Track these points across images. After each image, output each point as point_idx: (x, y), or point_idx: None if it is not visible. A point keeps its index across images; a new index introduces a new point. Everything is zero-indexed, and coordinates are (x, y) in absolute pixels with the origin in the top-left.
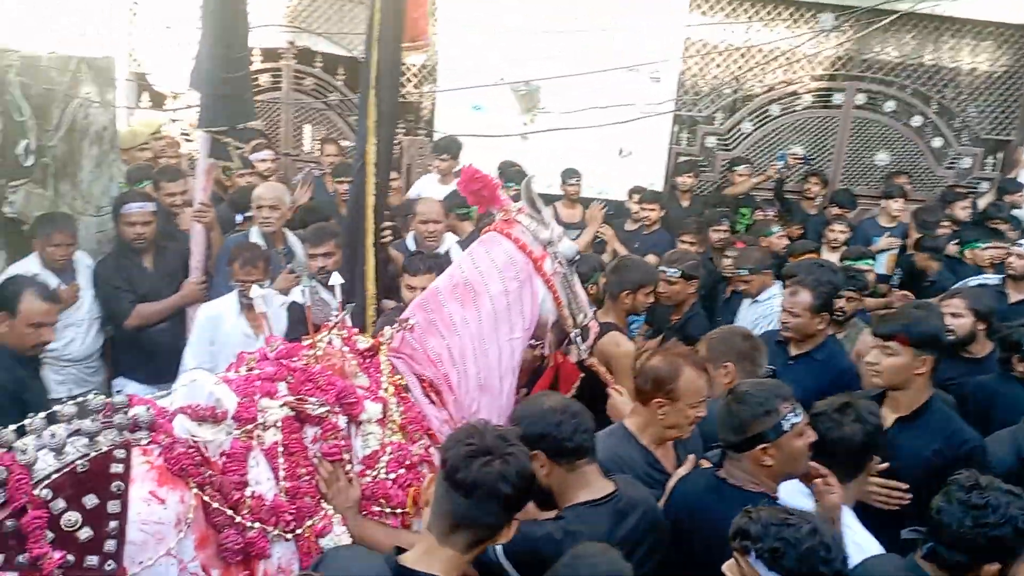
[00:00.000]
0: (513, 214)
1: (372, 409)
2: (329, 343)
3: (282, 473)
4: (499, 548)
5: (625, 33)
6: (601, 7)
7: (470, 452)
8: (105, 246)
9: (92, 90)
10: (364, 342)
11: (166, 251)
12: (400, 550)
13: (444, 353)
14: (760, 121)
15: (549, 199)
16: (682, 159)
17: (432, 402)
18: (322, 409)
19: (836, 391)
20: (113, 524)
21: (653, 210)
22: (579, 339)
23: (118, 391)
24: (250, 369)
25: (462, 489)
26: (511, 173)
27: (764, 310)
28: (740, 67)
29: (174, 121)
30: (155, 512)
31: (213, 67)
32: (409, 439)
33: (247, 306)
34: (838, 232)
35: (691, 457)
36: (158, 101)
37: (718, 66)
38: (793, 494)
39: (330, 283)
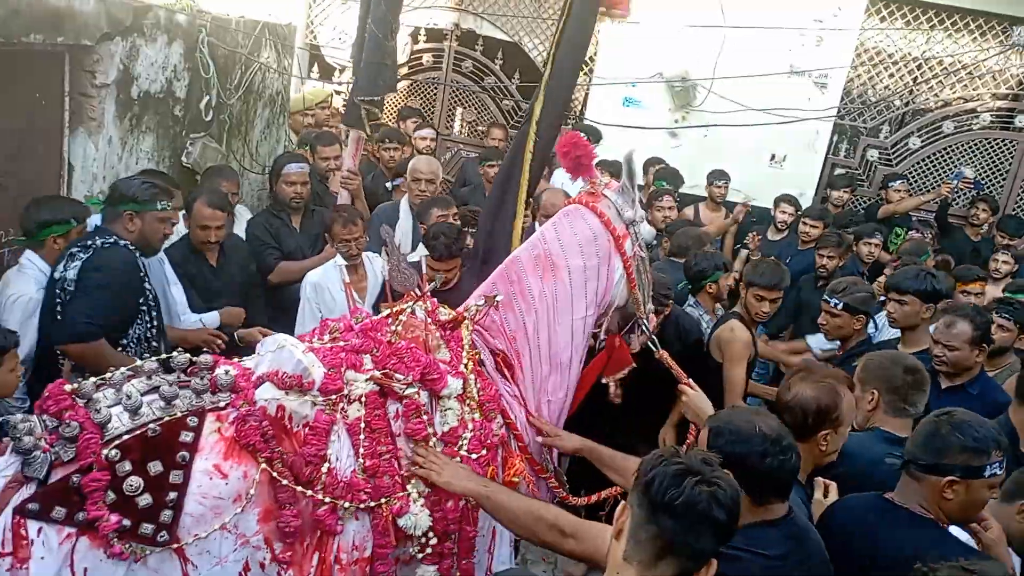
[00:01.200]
0: (600, 188)
1: (453, 384)
2: (412, 314)
3: (362, 450)
4: None
5: (792, 35)
6: (768, 6)
7: (678, 471)
8: (265, 204)
9: (271, 56)
10: (446, 313)
11: (314, 214)
12: None
13: (519, 329)
14: (930, 138)
15: (694, 199)
16: (839, 171)
17: (504, 377)
18: (410, 390)
19: None
20: (172, 495)
21: (816, 227)
22: (643, 327)
23: None
24: (334, 339)
25: (670, 510)
26: (664, 172)
27: None
28: (915, 79)
29: (338, 93)
30: (216, 487)
31: (383, 34)
32: (486, 418)
33: (349, 270)
34: (1001, 263)
35: (819, 480)
36: (327, 73)
37: (891, 76)
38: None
39: (411, 258)
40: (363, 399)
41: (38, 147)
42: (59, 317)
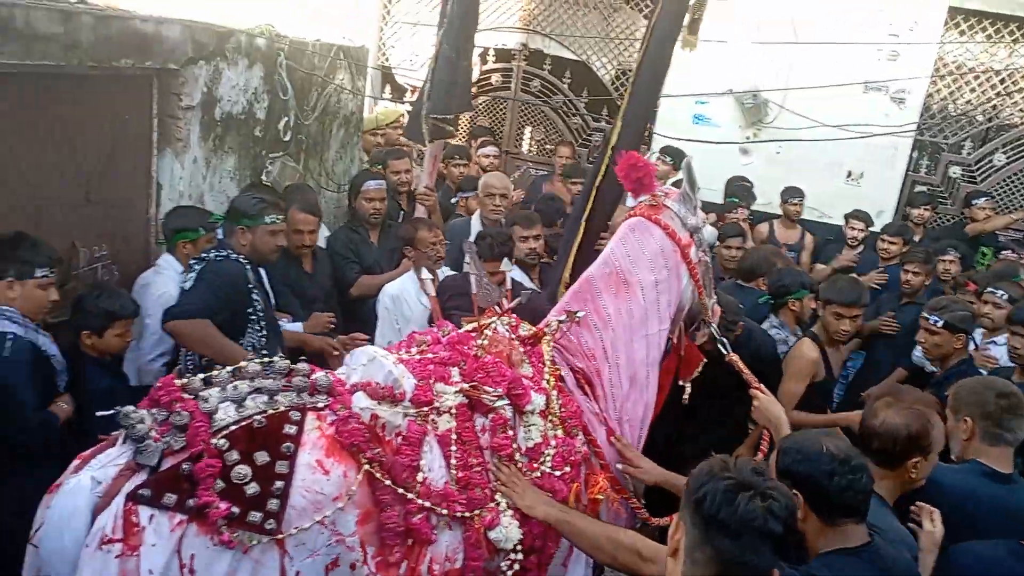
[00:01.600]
0: (661, 199)
1: (536, 400)
2: (495, 330)
3: (454, 462)
4: None
5: (867, 49)
6: (842, 20)
7: (730, 487)
8: (340, 220)
9: (346, 77)
10: (527, 329)
11: (390, 229)
12: None
13: (598, 348)
14: (1016, 154)
15: (767, 217)
16: (919, 188)
17: (585, 394)
18: (501, 402)
19: None
20: (279, 484)
21: (895, 244)
22: (711, 325)
23: None
24: (422, 351)
25: (726, 529)
26: (736, 188)
27: None
28: (998, 93)
29: (409, 113)
30: (318, 481)
31: (454, 54)
32: (568, 434)
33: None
34: None
35: (924, 507)
36: (399, 93)
37: (972, 90)
38: None
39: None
40: (453, 411)
41: (128, 166)
42: None
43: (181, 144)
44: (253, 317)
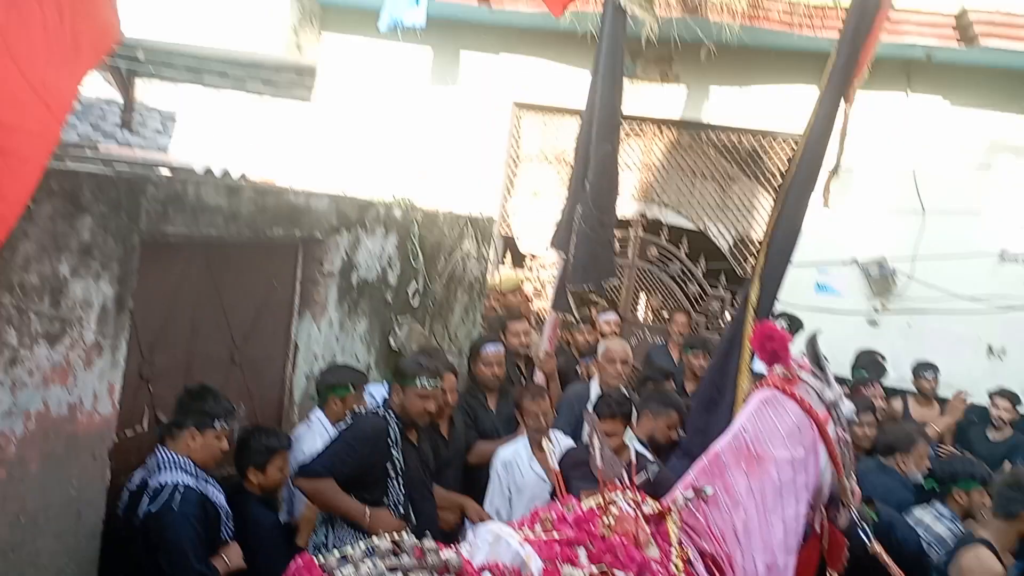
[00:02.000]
0: (796, 371)
1: None
2: (619, 506)
3: None
4: None
5: (1000, 216)
6: (970, 188)
7: None
8: (461, 385)
9: (472, 246)
10: (651, 506)
11: (508, 395)
12: None
13: (728, 530)
14: None
15: (898, 393)
16: None
17: None
18: None
19: None
20: None
21: None
22: (851, 508)
23: None
24: (547, 530)
25: None
26: (865, 361)
27: None
28: None
29: (527, 280)
30: None
31: (589, 227)
32: None
33: (538, 448)
34: None
35: None
36: (518, 260)
37: None
38: None
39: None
40: None
41: (270, 328)
42: None
43: (319, 307)
44: (392, 473)
